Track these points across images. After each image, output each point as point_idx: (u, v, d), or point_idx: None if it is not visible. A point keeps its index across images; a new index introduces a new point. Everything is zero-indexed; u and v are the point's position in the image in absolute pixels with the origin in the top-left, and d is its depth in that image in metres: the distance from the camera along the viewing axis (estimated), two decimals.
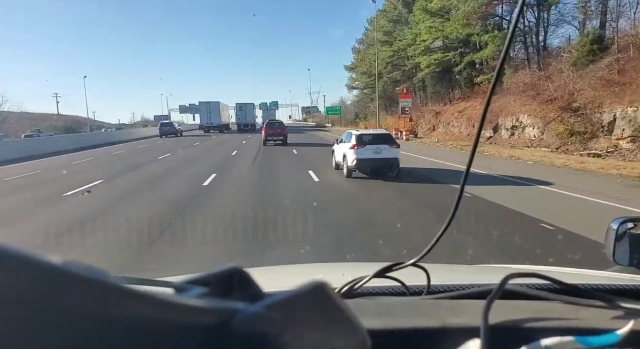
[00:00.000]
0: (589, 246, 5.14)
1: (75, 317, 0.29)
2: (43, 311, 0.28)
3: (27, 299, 0.27)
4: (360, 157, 12.03)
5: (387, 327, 0.68)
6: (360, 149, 12.09)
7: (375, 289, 1.01)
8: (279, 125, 28.57)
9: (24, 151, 24.75)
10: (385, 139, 12.56)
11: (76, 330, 0.29)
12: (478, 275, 1.52)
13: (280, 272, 1.80)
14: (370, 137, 12.47)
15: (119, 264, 5.14)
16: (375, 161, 12.10)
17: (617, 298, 0.76)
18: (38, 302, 0.28)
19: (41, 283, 0.28)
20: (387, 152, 12.18)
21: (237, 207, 8.51)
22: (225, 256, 5.22)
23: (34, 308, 0.27)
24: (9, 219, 8.13)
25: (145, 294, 0.33)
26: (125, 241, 6.32)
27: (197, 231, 6.73)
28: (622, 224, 1.33)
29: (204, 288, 0.42)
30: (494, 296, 0.67)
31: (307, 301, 0.42)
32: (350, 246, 5.67)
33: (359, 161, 12.05)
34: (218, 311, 0.37)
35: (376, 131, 14.23)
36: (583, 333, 0.60)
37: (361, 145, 12.14)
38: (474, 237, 5.80)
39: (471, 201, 8.31)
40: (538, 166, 14.89)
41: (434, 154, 19.53)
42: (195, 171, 14.33)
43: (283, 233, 6.23)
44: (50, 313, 0.28)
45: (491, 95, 0.80)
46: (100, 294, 0.30)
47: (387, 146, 12.27)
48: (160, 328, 0.33)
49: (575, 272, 1.42)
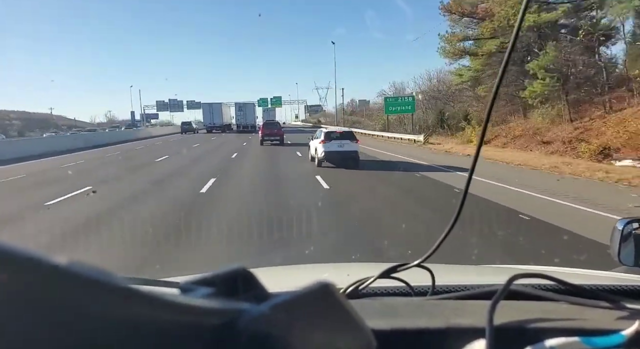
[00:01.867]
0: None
1: (81, 318, 0.29)
2: (49, 311, 0.28)
3: (33, 299, 0.28)
4: (328, 150, 15.03)
5: (392, 327, 0.68)
6: (327, 143, 15.10)
7: (380, 289, 1.01)
8: (276, 126, 30.41)
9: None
10: (348, 136, 15.82)
11: (82, 331, 0.29)
12: (483, 276, 1.52)
13: (285, 272, 1.80)
14: (335, 135, 15.65)
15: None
16: (339, 153, 15.07)
17: (622, 299, 0.76)
18: (44, 303, 0.28)
19: (47, 283, 0.28)
20: (348, 147, 15.27)
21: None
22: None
23: (40, 309, 0.28)
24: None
25: (151, 295, 0.33)
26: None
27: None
28: (628, 225, 1.32)
29: (209, 288, 0.42)
30: (499, 296, 0.66)
31: (312, 302, 0.42)
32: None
33: (327, 153, 15.03)
34: (224, 311, 0.37)
35: (340, 129, 17.96)
36: (588, 334, 0.60)
37: (328, 140, 15.17)
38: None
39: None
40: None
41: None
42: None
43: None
44: (56, 314, 0.28)
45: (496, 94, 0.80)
46: (106, 294, 0.31)
47: (349, 141, 15.38)
48: (166, 328, 0.34)
49: (580, 273, 1.42)
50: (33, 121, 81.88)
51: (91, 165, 18.13)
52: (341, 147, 15.14)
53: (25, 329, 0.27)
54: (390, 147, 25.76)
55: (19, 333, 0.27)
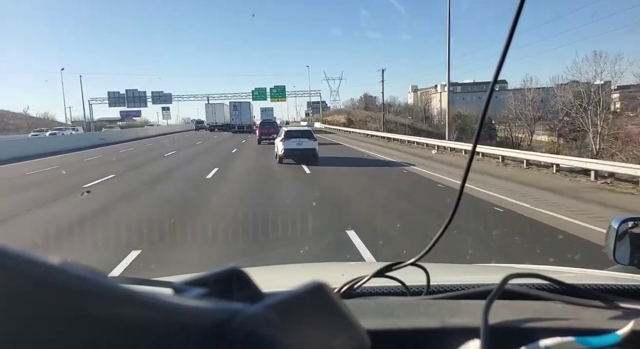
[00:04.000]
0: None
1: (73, 318, 0.29)
2: (41, 312, 0.28)
3: (25, 300, 0.27)
4: (287, 148, 16.02)
5: (387, 327, 0.68)
6: (287, 141, 16.14)
7: (375, 289, 1.01)
8: (273, 126, 31.40)
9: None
10: (307, 134, 16.78)
11: (75, 331, 0.29)
12: (478, 275, 1.53)
13: (279, 272, 1.80)
14: (295, 133, 16.74)
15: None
16: (298, 151, 16.07)
17: (617, 298, 0.76)
18: (36, 303, 0.28)
19: (40, 284, 0.28)
20: (307, 144, 16.28)
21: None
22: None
23: (33, 309, 0.27)
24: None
25: (144, 295, 0.33)
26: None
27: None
28: (623, 223, 1.33)
29: (202, 288, 0.42)
30: (493, 296, 0.66)
31: (306, 302, 0.42)
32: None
33: (286, 150, 16.03)
34: (217, 311, 0.37)
35: (300, 128, 19.33)
36: (583, 333, 0.60)
37: (288, 139, 16.25)
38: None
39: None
40: None
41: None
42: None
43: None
44: (49, 314, 0.28)
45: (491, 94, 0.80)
46: (98, 295, 0.30)
47: (307, 140, 16.37)
48: (159, 329, 0.33)
49: (575, 272, 1.42)
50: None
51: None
52: (300, 145, 16.07)
53: (17, 329, 0.27)
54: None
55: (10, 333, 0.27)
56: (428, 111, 65.52)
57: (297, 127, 20.39)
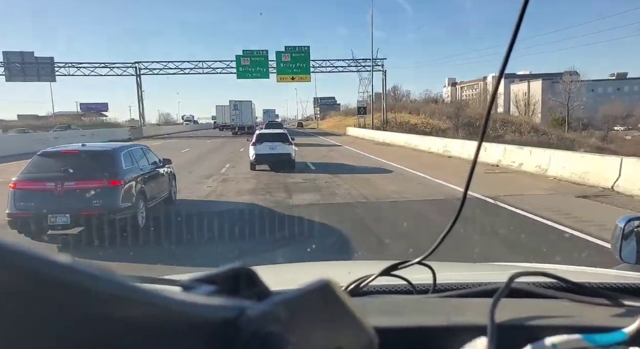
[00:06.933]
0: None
1: (83, 316, 0.29)
2: (51, 310, 0.28)
3: (36, 298, 0.28)
4: (259, 153, 14.12)
5: (394, 325, 0.68)
6: (258, 145, 14.22)
7: (382, 287, 1.01)
8: (278, 127, 30.11)
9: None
10: (282, 138, 14.68)
11: (84, 329, 0.29)
12: (484, 273, 1.52)
13: (286, 270, 1.80)
14: (268, 137, 14.67)
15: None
16: (271, 156, 14.18)
17: (624, 297, 0.76)
18: (46, 301, 0.28)
19: (50, 282, 0.28)
20: (281, 149, 14.25)
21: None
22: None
23: (43, 308, 0.28)
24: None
25: (153, 293, 0.33)
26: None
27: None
28: (629, 223, 1.32)
29: (211, 286, 0.42)
30: (500, 294, 0.66)
31: (314, 300, 0.42)
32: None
33: (257, 156, 14.16)
34: (225, 309, 0.37)
35: (274, 131, 16.92)
36: (590, 331, 0.60)
37: (260, 142, 14.28)
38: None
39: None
40: None
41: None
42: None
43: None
44: (58, 312, 0.28)
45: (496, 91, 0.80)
46: (108, 293, 0.31)
47: (281, 143, 14.33)
48: (168, 326, 0.34)
49: (582, 270, 1.42)
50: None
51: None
52: (273, 150, 14.20)
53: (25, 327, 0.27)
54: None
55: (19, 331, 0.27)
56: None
57: (271, 130, 17.84)
